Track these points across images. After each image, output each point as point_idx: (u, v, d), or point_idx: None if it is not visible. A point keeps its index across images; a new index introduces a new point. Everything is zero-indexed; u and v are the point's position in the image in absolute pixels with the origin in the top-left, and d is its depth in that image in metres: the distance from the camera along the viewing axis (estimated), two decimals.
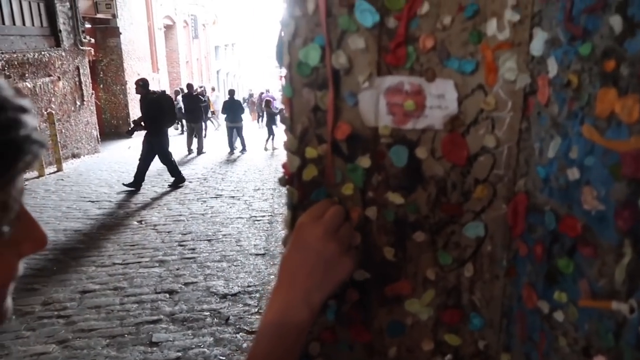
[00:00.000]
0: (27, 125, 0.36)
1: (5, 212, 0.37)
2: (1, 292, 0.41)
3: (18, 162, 0.36)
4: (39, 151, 0.38)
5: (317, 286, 0.60)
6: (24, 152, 0.36)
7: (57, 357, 3.25)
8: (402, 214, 0.69)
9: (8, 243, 0.39)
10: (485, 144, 0.65)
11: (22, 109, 0.37)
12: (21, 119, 0.36)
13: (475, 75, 0.63)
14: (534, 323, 0.64)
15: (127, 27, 15.29)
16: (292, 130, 0.66)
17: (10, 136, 0.35)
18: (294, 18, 0.62)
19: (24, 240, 0.41)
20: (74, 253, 5.11)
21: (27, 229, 0.42)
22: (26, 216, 0.42)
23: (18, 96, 0.37)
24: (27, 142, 0.36)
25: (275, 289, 0.62)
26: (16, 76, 8.94)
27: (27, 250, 0.42)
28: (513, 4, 0.61)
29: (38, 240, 0.43)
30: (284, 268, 0.62)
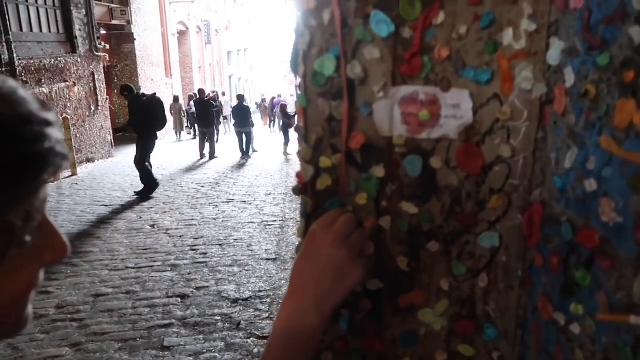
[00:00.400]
0: (52, 138, 0.37)
1: (28, 222, 0.38)
2: (23, 299, 0.42)
3: (42, 173, 0.37)
4: (62, 163, 0.38)
5: (328, 293, 0.60)
6: (48, 164, 0.37)
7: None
8: (416, 224, 0.68)
9: (30, 252, 0.40)
10: (501, 153, 0.65)
11: (47, 122, 0.37)
12: (46, 132, 0.37)
13: (491, 84, 0.63)
14: (550, 335, 0.64)
15: (142, 33, 15.49)
16: (307, 139, 0.66)
17: (35, 149, 0.35)
18: (309, 28, 0.62)
19: (46, 249, 0.42)
20: (88, 256, 5.16)
21: (49, 238, 0.42)
22: (48, 225, 0.42)
23: (44, 109, 0.38)
24: (51, 155, 0.37)
25: (287, 296, 0.62)
26: (33, 82, 9.09)
27: (48, 258, 0.42)
28: (529, 14, 0.60)
29: (59, 249, 0.43)
30: (295, 275, 0.63)
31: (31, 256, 0.40)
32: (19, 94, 0.37)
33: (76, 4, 10.95)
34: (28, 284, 0.41)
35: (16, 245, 0.37)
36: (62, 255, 0.44)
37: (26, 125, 0.35)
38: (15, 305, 0.41)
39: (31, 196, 0.37)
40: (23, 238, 0.38)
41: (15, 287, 0.39)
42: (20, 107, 0.36)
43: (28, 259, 0.40)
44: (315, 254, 0.61)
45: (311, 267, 0.61)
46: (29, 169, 0.35)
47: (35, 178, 0.36)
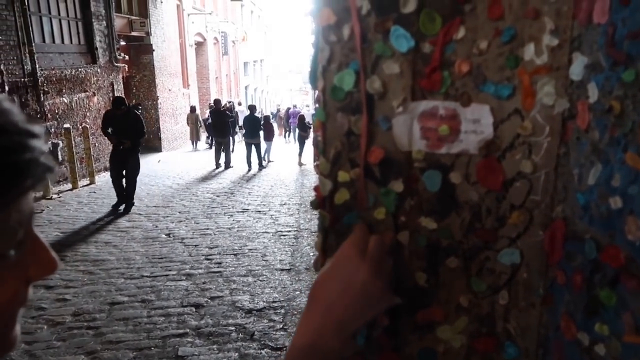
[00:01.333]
0: (34, 149, 0.37)
1: (7, 235, 0.37)
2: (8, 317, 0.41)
3: (19, 185, 0.36)
4: (45, 175, 0.38)
5: (353, 319, 0.59)
6: (28, 175, 0.36)
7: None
8: (434, 239, 0.68)
9: (14, 267, 0.39)
10: (522, 169, 0.64)
11: (30, 134, 0.37)
12: (27, 143, 0.36)
13: (512, 99, 0.62)
14: (573, 355, 0.62)
15: (160, 44, 15.75)
16: (325, 153, 0.66)
17: (11, 159, 0.35)
18: (329, 43, 0.63)
19: (32, 265, 0.41)
20: (105, 264, 5.22)
21: (36, 253, 0.41)
22: (35, 240, 0.41)
23: (28, 122, 0.38)
24: (32, 166, 0.36)
25: (309, 312, 0.61)
26: (54, 92, 9.29)
27: (35, 274, 0.41)
28: (552, 29, 0.60)
29: (47, 265, 0.42)
30: (320, 294, 0.61)
31: (16, 271, 0.39)
32: (2, 105, 0.37)
33: (97, 16, 11.19)
34: (11, 300, 0.40)
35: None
36: (50, 271, 0.42)
37: (5, 135, 0.35)
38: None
39: (9, 208, 0.36)
40: (4, 251, 0.37)
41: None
42: (1, 117, 0.36)
43: (12, 274, 0.39)
44: (350, 280, 0.60)
45: (342, 290, 0.60)
46: (6, 178, 0.35)
47: (13, 188, 0.36)
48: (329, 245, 0.69)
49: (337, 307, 0.59)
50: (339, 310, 0.59)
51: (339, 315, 0.59)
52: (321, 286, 0.61)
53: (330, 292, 0.60)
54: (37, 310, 4.05)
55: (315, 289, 0.62)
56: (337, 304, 0.59)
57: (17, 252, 0.39)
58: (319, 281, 0.62)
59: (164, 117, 16.04)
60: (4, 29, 7.98)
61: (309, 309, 0.61)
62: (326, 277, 0.62)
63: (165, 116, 16.29)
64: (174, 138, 17.12)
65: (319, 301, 0.60)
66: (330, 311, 0.59)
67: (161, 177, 10.83)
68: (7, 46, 8.03)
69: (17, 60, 8.26)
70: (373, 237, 0.62)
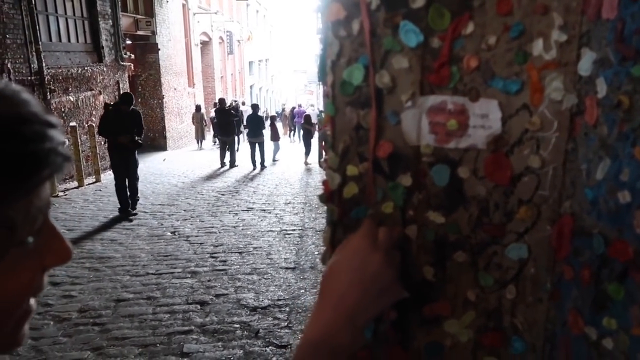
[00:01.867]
0: (53, 139, 0.38)
1: (28, 220, 0.38)
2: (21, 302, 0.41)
3: (41, 172, 0.37)
4: (63, 164, 0.39)
5: (364, 310, 0.59)
6: (48, 163, 0.37)
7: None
8: (442, 234, 0.68)
9: (31, 254, 0.40)
10: (530, 164, 0.64)
11: (49, 124, 0.38)
12: (46, 133, 0.38)
13: (520, 95, 0.63)
14: (580, 350, 0.62)
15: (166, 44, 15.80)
16: (334, 148, 0.67)
17: (34, 148, 0.36)
18: (338, 38, 0.63)
19: (48, 253, 0.42)
20: (110, 262, 5.25)
21: (52, 242, 0.42)
22: (51, 229, 0.42)
23: (47, 113, 0.39)
24: (51, 155, 0.37)
25: (318, 306, 0.61)
26: (60, 90, 9.34)
27: (50, 262, 0.42)
28: (560, 24, 0.60)
29: (62, 253, 0.43)
30: (331, 287, 0.61)
31: (33, 258, 0.40)
32: (22, 96, 0.38)
33: (103, 15, 11.24)
34: (28, 286, 0.41)
35: (16, 243, 0.37)
36: (65, 260, 0.43)
37: (26, 125, 0.36)
38: (13, 308, 0.40)
39: (30, 194, 0.37)
40: (24, 237, 0.38)
41: (15, 287, 0.39)
42: (22, 107, 0.37)
43: (29, 261, 0.40)
44: (361, 270, 0.60)
45: (355, 281, 0.60)
46: (28, 166, 0.36)
47: (34, 176, 0.37)
48: (337, 239, 0.69)
49: (349, 298, 0.59)
50: (350, 301, 0.59)
51: (350, 306, 0.59)
52: (332, 278, 0.61)
53: (341, 283, 0.60)
54: (44, 306, 4.08)
55: (325, 282, 0.62)
56: (348, 295, 0.59)
57: (35, 239, 0.39)
58: (328, 273, 0.62)
59: (169, 116, 16.09)
60: (11, 27, 8.03)
61: (320, 302, 0.61)
62: (337, 269, 0.62)
63: (171, 115, 16.35)
64: (179, 137, 17.18)
65: (330, 293, 0.60)
66: (342, 303, 0.59)
67: (166, 175, 10.88)
68: (14, 45, 8.08)
69: (24, 59, 8.32)
70: (382, 229, 0.63)
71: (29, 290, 0.41)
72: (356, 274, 0.60)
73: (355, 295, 0.59)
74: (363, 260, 0.60)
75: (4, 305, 0.39)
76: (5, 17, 7.88)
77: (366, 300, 0.59)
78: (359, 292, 0.59)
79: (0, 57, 7.74)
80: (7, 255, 0.37)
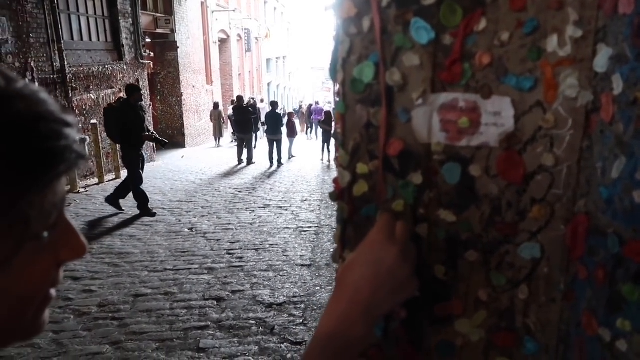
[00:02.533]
0: (68, 137, 0.39)
1: (43, 215, 0.39)
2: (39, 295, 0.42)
3: (55, 169, 0.38)
4: (78, 161, 0.40)
5: (379, 304, 0.59)
6: (62, 160, 0.38)
7: (111, 357, 3.38)
8: (454, 232, 0.67)
9: (47, 248, 0.41)
10: (543, 162, 0.63)
11: (65, 122, 0.40)
12: (62, 131, 0.39)
13: (534, 92, 0.62)
14: (594, 351, 0.61)
15: (184, 41, 15.94)
16: (344, 145, 0.67)
17: (49, 145, 0.37)
18: (349, 36, 0.63)
19: (63, 248, 0.43)
20: (129, 257, 5.33)
21: (67, 237, 0.43)
22: (66, 224, 0.43)
23: (63, 112, 0.40)
24: (66, 152, 0.39)
25: (334, 299, 0.61)
26: (82, 88, 9.50)
27: (65, 257, 0.43)
28: (575, 20, 0.59)
29: (77, 248, 0.44)
30: (347, 281, 0.61)
31: (48, 253, 0.41)
32: (40, 95, 0.39)
33: (123, 14, 11.39)
34: (44, 280, 0.42)
35: (31, 237, 0.38)
36: (79, 255, 0.44)
37: (43, 123, 0.37)
38: (31, 300, 0.41)
39: (46, 190, 0.39)
40: (39, 232, 0.39)
41: (31, 280, 0.40)
42: (39, 106, 0.38)
43: (45, 255, 0.41)
44: (378, 264, 0.60)
45: (371, 275, 0.60)
46: (43, 163, 0.37)
47: (49, 172, 0.38)
48: (347, 237, 0.69)
49: (364, 291, 0.59)
50: (365, 295, 0.59)
51: (365, 299, 0.59)
52: (348, 272, 0.61)
53: (357, 276, 0.60)
54: (65, 300, 4.16)
55: (341, 275, 0.62)
56: (364, 289, 0.59)
57: (50, 234, 0.40)
58: (345, 267, 0.62)
59: (187, 114, 16.25)
60: (34, 27, 8.19)
61: (336, 295, 0.61)
62: (353, 262, 0.62)
63: (189, 112, 16.50)
64: (197, 134, 17.33)
65: (345, 287, 0.61)
66: (358, 297, 0.59)
67: (184, 172, 10.99)
68: (37, 44, 8.24)
69: (46, 58, 8.48)
70: (400, 223, 0.63)
71: (45, 284, 0.42)
72: (372, 268, 0.60)
73: (371, 289, 0.59)
74: (379, 254, 0.60)
75: (22, 298, 0.40)
76: (28, 17, 8.05)
77: (381, 294, 0.59)
78: (374, 285, 0.59)
79: (24, 56, 7.90)
80: (22, 249, 0.38)
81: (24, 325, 0.42)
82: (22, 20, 7.88)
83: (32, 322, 0.43)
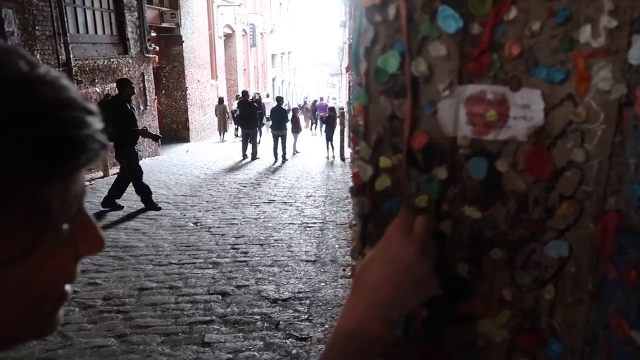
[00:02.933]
0: (91, 125, 0.38)
1: (64, 206, 0.38)
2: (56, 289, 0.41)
3: (78, 158, 0.37)
4: (100, 151, 0.39)
5: (399, 303, 0.57)
6: (85, 149, 0.37)
7: (116, 350, 3.38)
8: (478, 229, 0.65)
9: (66, 241, 0.39)
10: (573, 157, 0.61)
11: (88, 110, 0.38)
12: (85, 119, 0.37)
13: (565, 84, 0.59)
14: (624, 354, 0.59)
15: (190, 36, 15.91)
16: (367, 138, 0.64)
17: (73, 133, 0.36)
18: (373, 24, 0.61)
19: (81, 241, 0.42)
20: (134, 251, 5.33)
21: (85, 230, 0.42)
22: (85, 217, 0.42)
23: (85, 100, 0.39)
24: (89, 141, 0.37)
25: (352, 298, 0.59)
26: (87, 81, 9.50)
27: (83, 251, 0.42)
28: (610, 9, 0.56)
29: (95, 243, 0.43)
30: (365, 278, 0.59)
31: (67, 246, 0.40)
32: (62, 81, 0.38)
33: (129, 7, 11.37)
34: (62, 274, 0.41)
35: (51, 229, 0.37)
36: (97, 249, 0.43)
37: (66, 110, 0.36)
38: (48, 294, 0.40)
39: (67, 179, 0.37)
40: (59, 224, 0.38)
41: (50, 274, 0.39)
42: (62, 92, 0.37)
43: (64, 249, 0.40)
44: (396, 261, 0.58)
45: (389, 273, 0.58)
46: (65, 151, 0.36)
47: (71, 161, 0.36)
48: (368, 232, 0.67)
49: (383, 289, 0.57)
50: (384, 293, 0.57)
51: (384, 298, 0.57)
52: (366, 269, 0.60)
53: (376, 274, 0.58)
54: None
55: (360, 273, 0.60)
56: (383, 287, 0.57)
57: (70, 226, 0.39)
58: (364, 265, 0.60)
59: (192, 108, 16.24)
60: (40, 19, 8.18)
61: (354, 293, 0.59)
62: (371, 260, 0.60)
63: (194, 107, 16.49)
64: (202, 129, 17.33)
65: (364, 284, 0.59)
66: (376, 294, 0.57)
67: (189, 166, 10.99)
68: (43, 36, 8.24)
69: (52, 50, 8.48)
70: (419, 218, 0.61)
71: (62, 278, 0.41)
72: (390, 266, 0.58)
73: (390, 287, 0.57)
74: (397, 251, 0.59)
75: (40, 292, 0.39)
76: (34, 9, 8.04)
77: (401, 292, 0.57)
78: (393, 283, 0.57)
79: (30, 49, 7.89)
80: (42, 241, 0.37)
81: (39, 322, 0.41)
82: (28, 13, 7.87)
83: (47, 319, 0.41)
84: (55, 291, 0.41)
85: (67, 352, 3.34)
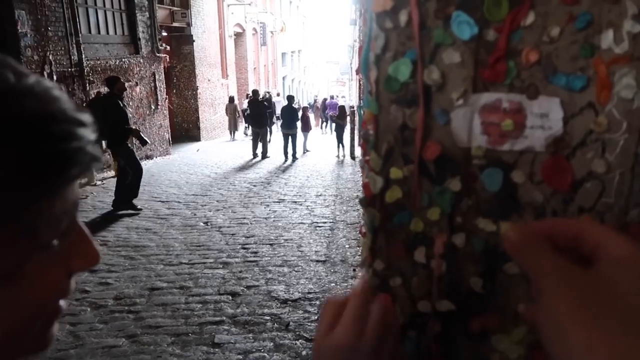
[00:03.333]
0: (82, 138, 0.36)
1: (52, 224, 0.36)
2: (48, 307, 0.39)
3: (66, 173, 0.35)
4: (91, 164, 0.37)
5: None
6: (75, 163, 0.36)
7: (126, 351, 3.40)
8: (493, 243, 0.63)
9: (57, 258, 0.38)
10: (594, 168, 0.58)
11: (79, 122, 0.36)
12: (76, 132, 0.36)
13: (585, 92, 0.57)
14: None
15: (200, 35, 15.96)
16: (377, 149, 0.62)
17: (61, 147, 0.34)
18: (384, 31, 0.58)
19: (74, 256, 0.40)
20: (145, 251, 5.36)
21: (79, 245, 0.41)
22: (79, 231, 0.41)
23: (77, 110, 0.37)
24: (79, 154, 0.36)
25: None
26: (99, 81, 9.56)
27: (77, 266, 0.41)
28: (634, 13, 0.54)
29: (89, 257, 0.41)
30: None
31: (58, 262, 0.39)
32: (52, 93, 0.36)
33: (140, 7, 11.43)
34: (53, 291, 0.39)
35: (39, 248, 0.36)
36: (92, 264, 0.42)
37: (54, 122, 0.34)
38: (39, 313, 0.39)
39: (55, 196, 0.36)
40: (48, 241, 0.37)
41: (41, 291, 0.38)
42: (51, 104, 0.35)
43: (54, 265, 0.38)
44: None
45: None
46: (53, 165, 0.34)
47: (60, 176, 0.35)
48: (378, 245, 0.65)
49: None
50: None
51: None
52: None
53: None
54: (81, 292, 4.20)
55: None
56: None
57: (60, 242, 0.38)
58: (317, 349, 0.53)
59: (203, 107, 16.30)
60: (52, 20, 8.25)
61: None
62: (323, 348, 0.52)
63: (205, 106, 16.55)
64: (212, 128, 17.39)
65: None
66: None
67: (200, 166, 11.03)
68: (55, 37, 8.31)
69: (64, 51, 8.55)
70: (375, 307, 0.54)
71: (55, 294, 0.40)
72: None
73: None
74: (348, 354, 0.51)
75: (31, 308, 0.38)
76: (47, 10, 8.11)
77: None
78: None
79: (43, 49, 7.97)
80: (30, 259, 0.35)
81: (31, 339, 0.39)
82: (40, 14, 7.94)
83: (40, 335, 0.40)
84: (47, 307, 0.39)
85: (78, 352, 3.36)
